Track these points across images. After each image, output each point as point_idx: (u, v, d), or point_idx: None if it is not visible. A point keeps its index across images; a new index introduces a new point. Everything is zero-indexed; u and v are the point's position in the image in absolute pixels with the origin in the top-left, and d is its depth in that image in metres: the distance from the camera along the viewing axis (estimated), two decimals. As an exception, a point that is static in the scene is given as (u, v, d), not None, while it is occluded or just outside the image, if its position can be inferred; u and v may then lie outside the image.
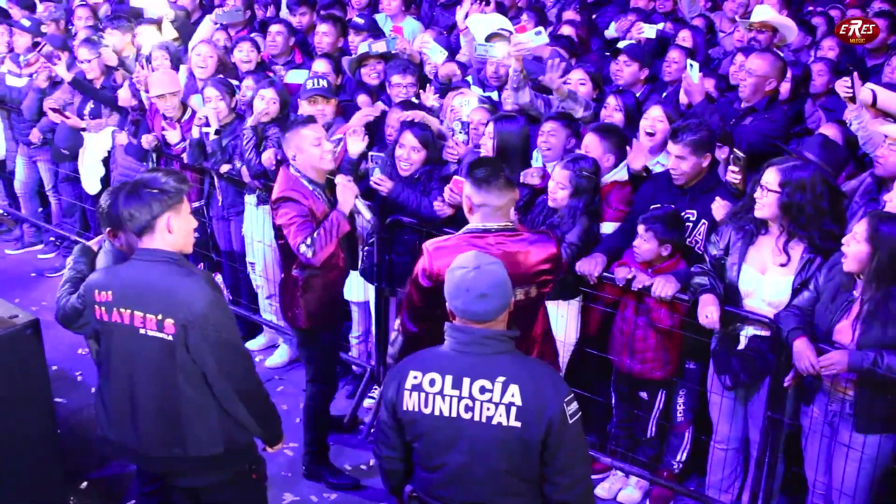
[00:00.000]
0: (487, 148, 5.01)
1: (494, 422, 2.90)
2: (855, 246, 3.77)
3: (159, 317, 3.29)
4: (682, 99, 5.64)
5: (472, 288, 2.95)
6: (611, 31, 7.90)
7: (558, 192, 4.69)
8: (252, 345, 6.27)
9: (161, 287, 3.31)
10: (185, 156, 6.13)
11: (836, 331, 3.90)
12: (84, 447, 5.07)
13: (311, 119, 4.84)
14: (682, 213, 4.61)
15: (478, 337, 2.97)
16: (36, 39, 7.59)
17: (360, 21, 7.43)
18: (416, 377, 2.98)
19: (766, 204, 4.11)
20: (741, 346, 4.29)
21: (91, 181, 6.99)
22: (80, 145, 7.02)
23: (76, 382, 5.89)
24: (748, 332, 4.28)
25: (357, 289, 5.68)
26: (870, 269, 3.75)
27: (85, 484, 4.92)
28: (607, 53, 6.88)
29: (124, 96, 6.64)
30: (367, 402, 5.63)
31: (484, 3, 6.94)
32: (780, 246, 4.14)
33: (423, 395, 2.97)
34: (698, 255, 4.54)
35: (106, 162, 6.90)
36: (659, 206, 4.61)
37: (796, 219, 4.06)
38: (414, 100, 5.93)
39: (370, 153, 5.42)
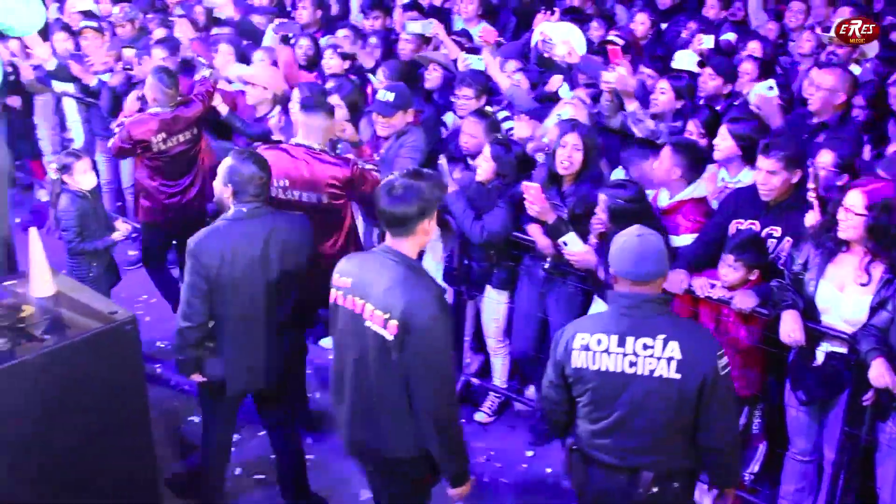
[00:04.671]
0: (575, 160, 5.03)
1: (657, 374, 3.35)
2: None
3: (386, 316, 3.43)
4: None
5: (635, 252, 3.37)
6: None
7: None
8: (326, 342, 6.30)
9: (395, 289, 3.43)
10: None
11: (911, 353, 3.95)
12: (163, 440, 5.21)
13: None
14: (767, 230, 4.61)
15: (639, 301, 3.39)
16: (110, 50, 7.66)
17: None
18: (583, 338, 3.44)
19: (851, 226, 4.13)
20: (818, 362, 4.31)
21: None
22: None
23: (154, 375, 5.96)
24: (825, 347, 4.30)
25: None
26: None
27: (168, 476, 5.02)
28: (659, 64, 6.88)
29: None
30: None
31: (550, 12, 7.07)
32: (863, 267, 4.17)
33: (590, 353, 3.42)
34: (779, 272, 4.54)
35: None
36: (741, 230, 4.63)
37: (881, 240, 4.10)
38: (488, 109, 6.03)
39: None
